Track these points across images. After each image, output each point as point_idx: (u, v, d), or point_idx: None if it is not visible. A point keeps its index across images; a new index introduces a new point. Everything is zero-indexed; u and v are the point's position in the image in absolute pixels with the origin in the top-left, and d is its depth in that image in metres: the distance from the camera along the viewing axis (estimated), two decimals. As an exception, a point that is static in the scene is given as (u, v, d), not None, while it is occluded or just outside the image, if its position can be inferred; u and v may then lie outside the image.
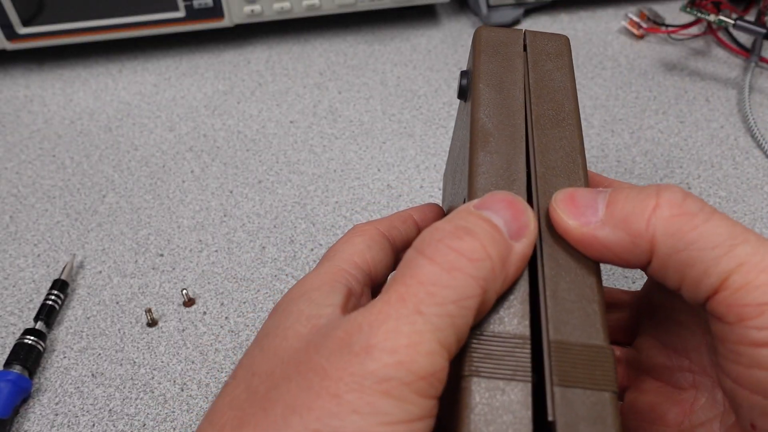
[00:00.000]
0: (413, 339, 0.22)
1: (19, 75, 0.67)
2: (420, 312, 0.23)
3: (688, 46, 0.67)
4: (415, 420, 0.22)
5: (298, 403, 0.23)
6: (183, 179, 0.57)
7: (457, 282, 0.23)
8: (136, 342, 0.47)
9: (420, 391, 0.22)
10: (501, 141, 0.30)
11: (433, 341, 0.23)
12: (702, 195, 0.54)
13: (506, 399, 0.24)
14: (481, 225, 0.25)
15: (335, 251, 0.31)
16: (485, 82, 0.33)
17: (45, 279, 0.50)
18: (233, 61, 0.68)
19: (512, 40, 0.35)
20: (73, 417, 0.43)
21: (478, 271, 0.24)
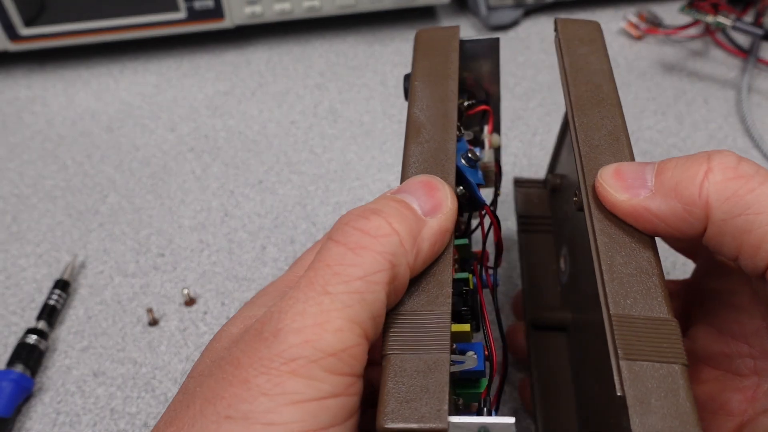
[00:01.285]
0: (320, 318, 0.23)
1: (21, 76, 0.67)
2: (327, 293, 0.23)
3: (687, 47, 0.67)
4: (327, 397, 0.23)
5: (213, 395, 0.23)
6: (184, 179, 0.57)
7: (362, 259, 0.24)
8: (137, 341, 0.47)
9: (330, 368, 0.23)
10: (432, 131, 0.31)
11: (341, 318, 0.23)
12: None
13: (422, 375, 0.24)
14: (390, 204, 0.26)
15: (300, 259, 0.31)
16: (420, 79, 0.34)
17: (47, 279, 0.51)
18: (234, 62, 0.68)
19: (448, 37, 0.36)
20: (74, 416, 0.43)
21: (384, 246, 0.24)
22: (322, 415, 0.22)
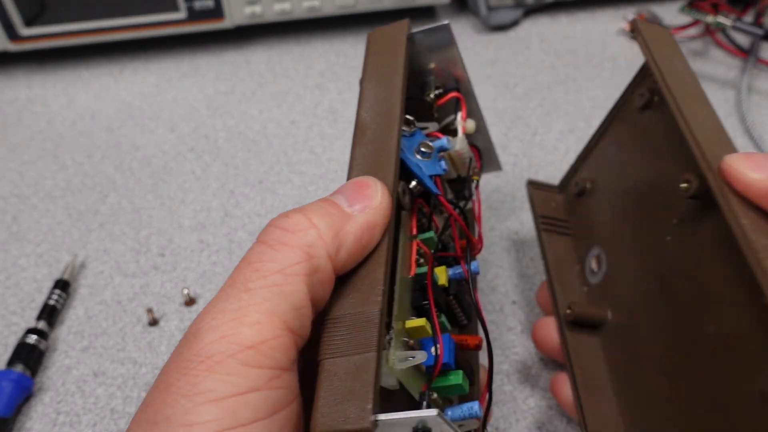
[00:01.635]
0: (237, 314, 0.23)
1: (21, 76, 0.67)
2: (247, 289, 0.24)
3: (687, 47, 0.67)
4: (246, 392, 0.22)
5: (146, 404, 0.24)
6: (184, 179, 0.57)
7: (280, 254, 0.25)
8: (137, 341, 0.47)
9: (248, 362, 0.22)
10: (376, 131, 0.31)
11: (259, 312, 0.23)
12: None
13: (350, 377, 0.23)
14: (315, 203, 0.27)
15: None
16: (369, 80, 0.34)
17: (47, 278, 0.51)
18: (234, 62, 0.68)
19: (396, 33, 0.36)
20: (74, 416, 0.43)
21: (301, 239, 0.25)
22: (242, 410, 0.22)
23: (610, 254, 0.39)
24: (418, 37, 0.36)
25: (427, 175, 0.32)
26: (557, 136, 0.59)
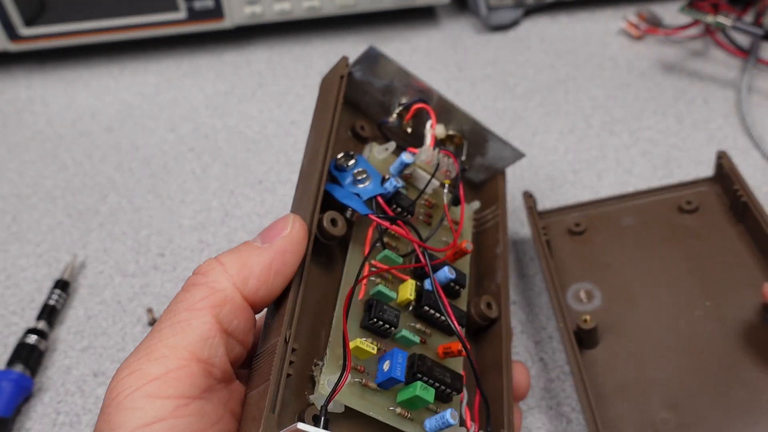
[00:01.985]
0: (145, 351, 0.26)
1: (21, 76, 0.67)
2: (158, 330, 0.26)
3: (687, 47, 0.67)
4: (152, 422, 0.24)
5: None
6: (184, 179, 0.57)
7: (189, 293, 0.27)
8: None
9: (152, 393, 0.24)
10: (306, 172, 0.35)
11: (165, 347, 0.25)
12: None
13: (254, 406, 0.27)
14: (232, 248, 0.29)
15: None
16: (313, 127, 0.37)
17: (47, 279, 0.51)
18: (234, 62, 0.68)
19: (334, 73, 0.38)
20: (74, 416, 0.43)
21: (207, 277, 0.28)
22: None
23: (608, 295, 0.43)
24: (355, 70, 0.39)
25: (366, 198, 0.34)
26: (557, 136, 0.59)
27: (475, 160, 0.43)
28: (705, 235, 0.45)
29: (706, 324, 0.40)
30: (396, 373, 0.30)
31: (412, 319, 0.34)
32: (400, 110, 0.39)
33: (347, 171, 0.35)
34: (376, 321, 0.31)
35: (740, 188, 0.44)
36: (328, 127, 0.35)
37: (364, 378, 0.30)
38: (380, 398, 0.31)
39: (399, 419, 0.31)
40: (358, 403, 0.30)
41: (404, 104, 0.39)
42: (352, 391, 0.30)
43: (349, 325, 0.30)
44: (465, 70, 0.66)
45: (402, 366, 0.30)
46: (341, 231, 0.33)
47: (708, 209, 0.46)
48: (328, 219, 0.32)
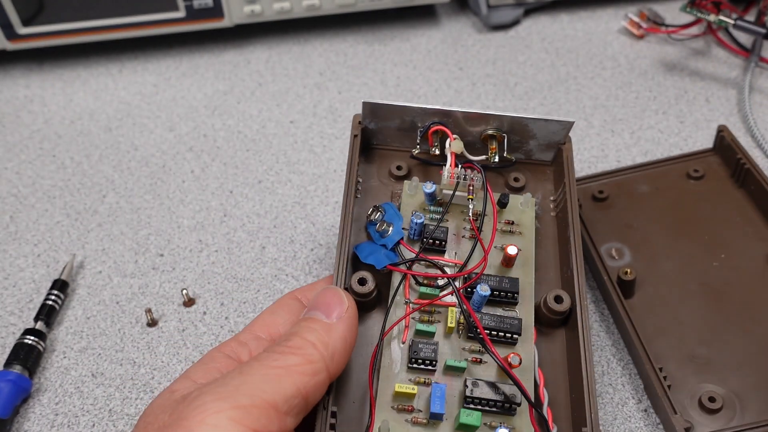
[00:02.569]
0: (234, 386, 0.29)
1: (19, 75, 0.67)
2: (249, 373, 0.29)
3: (688, 46, 0.67)
4: None
5: None
6: (183, 179, 0.57)
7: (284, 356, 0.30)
8: (136, 342, 0.47)
9: (235, 418, 0.27)
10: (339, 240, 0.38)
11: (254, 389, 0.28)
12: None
13: None
14: (302, 325, 0.32)
15: (257, 321, 0.36)
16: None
17: (45, 279, 0.50)
18: (233, 61, 0.68)
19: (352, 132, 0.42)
20: (73, 417, 0.43)
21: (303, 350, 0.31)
22: None
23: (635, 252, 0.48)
24: (367, 123, 0.42)
25: (391, 246, 0.37)
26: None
27: (530, 145, 0.43)
28: (712, 198, 0.50)
29: (723, 273, 0.46)
30: (436, 408, 0.33)
31: (466, 342, 0.36)
32: (420, 139, 0.42)
33: (376, 224, 0.38)
34: (415, 361, 0.35)
35: (743, 157, 0.50)
36: (347, 190, 0.39)
37: (414, 416, 0.34)
38: (437, 428, 0.34)
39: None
40: None
41: (421, 133, 0.42)
42: (406, 428, 0.33)
43: (397, 367, 0.35)
44: (465, 70, 0.66)
45: (441, 400, 0.33)
46: (370, 288, 0.36)
47: (712, 176, 0.52)
48: (355, 281, 0.36)
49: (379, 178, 0.43)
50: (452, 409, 0.34)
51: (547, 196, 0.43)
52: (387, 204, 0.39)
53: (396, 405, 0.34)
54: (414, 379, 0.35)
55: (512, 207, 0.41)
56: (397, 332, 0.36)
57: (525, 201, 0.41)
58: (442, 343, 0.36)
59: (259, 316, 0.37)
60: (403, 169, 0.43)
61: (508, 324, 0.36)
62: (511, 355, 0.34)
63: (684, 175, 0.52)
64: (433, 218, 0.39)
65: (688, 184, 0.51)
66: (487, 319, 0.36)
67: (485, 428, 0.33)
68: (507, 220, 0.40)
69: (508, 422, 0.34)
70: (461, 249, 0.39)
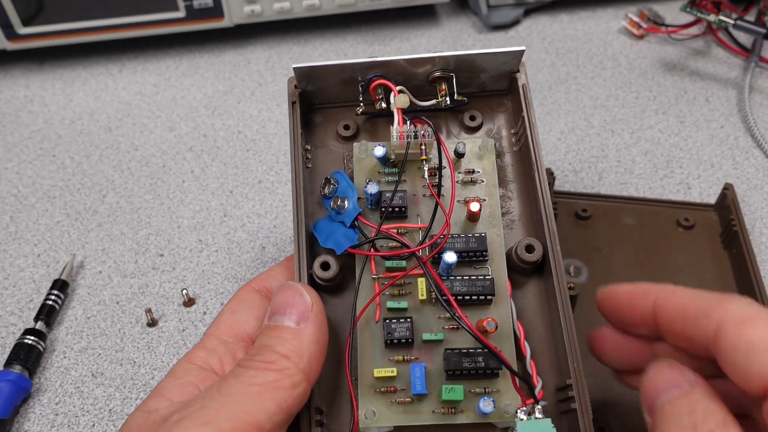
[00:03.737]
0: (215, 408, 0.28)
1: (19, 75, 0.67)
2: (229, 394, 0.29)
3: (688, 46, 0.67)
4: None
5: None
6: (183, 179, 0.57)
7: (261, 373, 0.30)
8: (136, 342, 0.47)
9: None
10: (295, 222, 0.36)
11: (235, 410, 0.28)
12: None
13: None
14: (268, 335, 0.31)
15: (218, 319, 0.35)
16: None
17: (45, 279, 0.50)
18: (233, 61, 0.68)
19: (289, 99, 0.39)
20: (73, 417, 0.43)
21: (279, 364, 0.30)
22: None
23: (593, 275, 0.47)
24: (303, 87, 0.39)
25: (349, 223, 0.35)
26: (558, 136, 0.59)
27: (482, 78, 0.40)
28: (694, 251, 0.49)
29: None
30: (417, 390, 0.33)
31: (440, 310, 0.35)
32: (363, 96, 0.38)
33: (330, 198, 0.36)
34: (390, 342, 0.34)
35: (735, 218, 0.49)
36: (294, 164, 0.36)
37: (398, 396, 0.33)
38: (423, 405, 0.33)
39: (448, 417, 0.33)
40: (402, 419, 0.33)
41: (362, 89, 0.38)
42: (393, 411, 0.33)
43: (374, 346, 0.34)
44: (465, 70, 0.66)
45: (421, 379, 0.33)
46: (335, 271, 0.34)
47: (703, 230, 0.50)
48: (318, 266, 0.34)
49: (327, 141, 0.40)
50: (436, 384, 0.34)
51: (507, 129, 0.40)
52: (338, 173, 0.37)
53: (379, 388, 0.33)
54: (393, 358, 0.34)
55: (471, 153, 0.38)
56: (371, 313, 0.35)
57: (483, 145, 0.38)
58: (417, 316, 0.35)
59: (220, 318, 0.35)
60: (351, 128, 0.39)
61: (480, 286, 0.34)
62: (487, 320, 0.33)
63: (673, 221, 0.51)
64: (390, 181, 0.37)
65: (675, 230, 0.50)
66: (459, 284, 0.34)
67: (471, 395, 0.33)
68: (467, 170, 0.38)
69: (493, 386, 0.33)
70: (424, 210, 0.37)
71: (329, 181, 0.36)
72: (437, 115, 0.40)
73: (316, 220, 0.37)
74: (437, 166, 0.37)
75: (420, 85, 0.39)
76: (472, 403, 0.33)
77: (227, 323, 0.35)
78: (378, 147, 0.36)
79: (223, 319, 0.35)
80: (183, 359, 0.33)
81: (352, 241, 0.35)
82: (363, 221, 0.36)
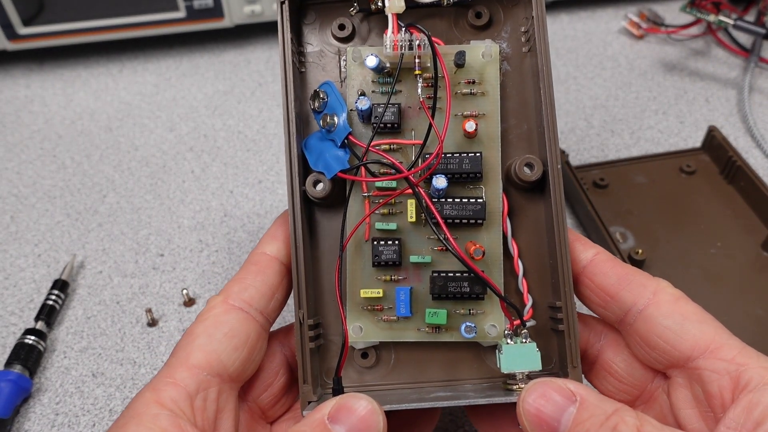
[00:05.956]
0: None
1: (20, 75, 0.67)
2: None
3: (688, 46, 0.67)
4: None
5: None
6: (183, 179, 0.57)
7: None
8: (136, 342, 0.47)
9: None
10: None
11: None
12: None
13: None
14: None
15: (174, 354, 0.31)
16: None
17: (45, 279, 0.50)
18: (233, 62, 0.68)
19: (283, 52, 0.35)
20: (73, 417, 0.43)
21: None
22: None
23: (637, 237, 0.50)
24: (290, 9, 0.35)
25: (340, 142, 0.33)
26: (558, 136, 0.59)
27: None
28: (705, 192, 0.53)
29: (720, 260, 0.49)
30: (401, 312, 0.34)
31: (430, 232, 0.35)
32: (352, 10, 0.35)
33: (320, 113, 0.34)
34: (378, 264, 0.34)
35: (734, 155, 0.52)
36: (284, 67, 0.33)
37: (385, 314, 0.34)
38: (408, 323, 0.35)
39: (433, 335, 0.34)
40: (387, 335, 0.34)
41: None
42: (380, 327, 0.34)
43: (362, 266, 0.34)
44: (465, 70, 0.66)
45: (405, 303, 0.34)
46: (327, 189, 0.33)
47: (703, 172, 0.55)
48: (310, 184, 0.33)
49: (322, 43, 0.36)
50: (422, 306, 0.34)
51: (517, 28, 0.36)
52: (326, 85, 0.34)
53: (366, 306, 0.34)
54: (381, 278, 0.34)
55: (473, 60, 0.34)
56: (361, 232, 0.35)
57: (487, 51, 0.35)
58: (405, 238, 0.34)
59: (193, 339, 0.31)
60: (347, 28, 0.36)
61: (471, 210, 0.33)
62: (474, 247, 0.33)
63: (677, 170, 0.55)
64: (384, 93, 0.35)
65: (681, 178, 0.54)
66: (449, 207, 0.33)
67: (456, 316, 0.34)
68: (467, 80, 0.35)
69: (478, 307, 0.34)
70: (420, 124, 0.35)
71: (318, 95, 0.34)
72: (440, 13, 0.35)
73: (307, 136, 0.35)
74: (433, 78, 0.33)
75: None
76: (457, 322, 0.34)
77: (203, 351, 0.30)
78: (370, 57, 0.33)
79: (197, 344, 0.31)
80: (149, 394, 0.29)
81: (343, 164, 0.33)
82: (354, 141, 0.34)
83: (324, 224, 0.35)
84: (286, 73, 0.33)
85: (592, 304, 0.33)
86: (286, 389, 0.35)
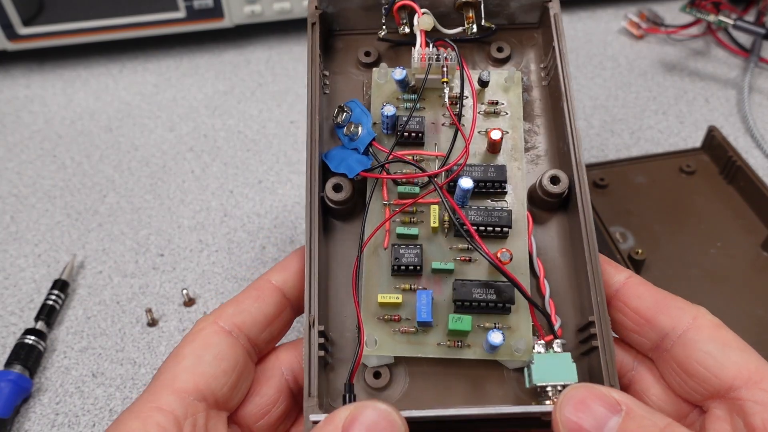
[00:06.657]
0: None
1: (20, 75, 0.67)
2: None
3: (688, 46, 0.67)
4: None
5: None
6: (183, 179, 0.57)
7: None
8: (136, 342, 0.47)
9: None
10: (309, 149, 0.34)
11: None
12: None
13: None
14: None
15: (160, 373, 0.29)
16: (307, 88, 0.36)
17: (45, 279, 0.50)
18: (233, 62, 0.68)
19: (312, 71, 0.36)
20: (73, 417, 0.43)
21: None
22: None
23: (637, 237, 0.50)
24: (324, 8, 0.37)
25: (363, 149, 0.34)
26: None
27: (512, 7, 0.38)
28: (704, 192, 0.53)
29: (720, 260, 0.49)
30: (422, 317, 0.31)
31: (453, 241, 0.33)
32: (385, 18, 0.37)
33: (343, 126, 0.34)
34: (398, 268, 0.32)
35: (734, 155, 0.52)
36: (311, 86, 0.34)
37: (402, 325, 0.32)
38: (428, 336, 0.32)
39: (454, 350, 0.31)
40: (404, 349, 0.31)
41: (386, 11, 0.37)
42: (396, 340, 0.31)
43: (380, 273, 0.32)
44: (465, 70, 0.66)
45: (427, 307, 0.31)
46: (348, 193, 0.33)
47: (703, 172, 0.55)
48: (330, 188, 0.33)
49: (347, 68, 0.38)
50: (442, 315, 0.32)
51: (536, 64, 0.38)
52: (352, 102, 0.35)
53: (382, 316, 0.32)
54: (399, 286, 0.32)
55: (496, 85, 0.36)
56: (380, 239, 0.33)
57: (509, 76, 0.36)
58: (427, 246, 0.33)
59: (180, 360, 0.29)
60: (372, 55, 0.38)
61: (497, 217, 0.32)
62: (501, 251, 0.31)
63: (677, 170, 0.54)
64: (408, 108, 0.35)
65: (681, 178, 0.54)
66: (474, 213, 0.33)
67: (480, 330, 0.31)
68: (490, 101, 0.36)
69: (503, 322, 0.31)
70: (442, 139, 0.35)
71: (343, 109, 0.35)
72: (462, 46, 0.37)
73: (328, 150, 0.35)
74: (458, 95, 0.35)
75: (446, 12, 0.37)
76: (480, 338, 0.31)
77: (190, 373, 0.29)
78: (398, 69, 0.35)
79: (184, 365, 0.29)
80: (134, 423, 0.27)
81: (365, 165, 0.33)
82: (377, 146, 0.34)
83: (339, 235, 0.34)
84: (312, 91, 0.34)
85: (625, 330, 0.31)
86: (285, 417, 0.33)
